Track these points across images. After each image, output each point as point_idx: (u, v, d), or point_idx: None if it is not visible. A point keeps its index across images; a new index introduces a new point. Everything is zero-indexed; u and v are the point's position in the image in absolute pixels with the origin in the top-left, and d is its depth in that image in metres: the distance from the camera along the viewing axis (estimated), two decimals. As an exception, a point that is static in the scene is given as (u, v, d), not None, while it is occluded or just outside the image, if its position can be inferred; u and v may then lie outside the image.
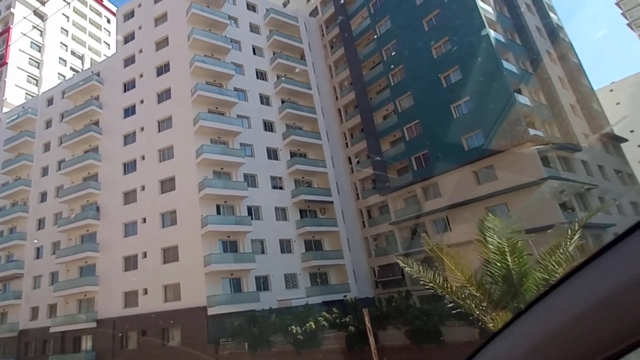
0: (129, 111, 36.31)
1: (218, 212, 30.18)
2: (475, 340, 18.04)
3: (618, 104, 55.83)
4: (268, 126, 36.10)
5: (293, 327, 21.89)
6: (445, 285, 8.66)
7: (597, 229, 25.63)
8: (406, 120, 34.26)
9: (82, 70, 58.46)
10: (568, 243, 8.10)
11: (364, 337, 20.81)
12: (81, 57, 65.09)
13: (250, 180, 32.46)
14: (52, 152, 40.12)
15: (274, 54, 39.57)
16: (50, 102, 42.92)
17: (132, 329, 28.90)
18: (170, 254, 29.65)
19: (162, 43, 36.34)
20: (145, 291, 29.27)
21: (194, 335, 25.69)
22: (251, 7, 40.97)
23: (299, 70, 39.79)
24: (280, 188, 33.85)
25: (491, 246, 8.74)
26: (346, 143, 40.67)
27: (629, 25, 76.72)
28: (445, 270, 9.04)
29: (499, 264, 8.58)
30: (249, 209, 31.26)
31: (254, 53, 38.77)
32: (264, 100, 37.10)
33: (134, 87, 36.68)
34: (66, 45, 63.30)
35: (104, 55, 67.64)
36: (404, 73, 35.48)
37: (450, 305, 9.05)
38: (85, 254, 32.19)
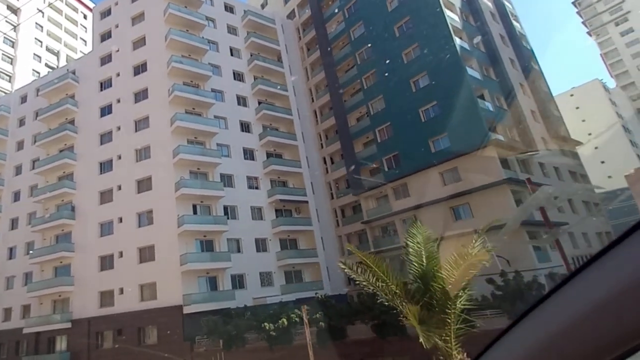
0: (106, 110, 35.49)
1: (195, 212, 30.03)
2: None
3: (578, 108, 58.11)
4: (245, 127, 35.98)
5: (267, 324, 22.11)
6: (377, 284, 9.23)
7: (553, 226, 26.78)
8: (378, 123, 34.81)
9: (57, 67, 56.65)
10: (470, 249, 8.71)
11: (333, 332, 21.29)
12: (56, 54, 62.92)
13: (227, 180, 32.37)
14: (26, 150, 38.81)
15: (251, 55, 39.36)
16: (24, 99, 41.42)
17: (107, 329, 28.50)
18: (146, 254, 29.32)
19: (139, 42, 35.64)
20: (121, 291, 28.87)
21: (169, 333, 25.58)
22: (229, 9, 40.59)
23: (275, 71, 39.74)
24: (257, 188, 33.89)
25: (411, 250, 9.50)
26: (321, 144, 40.94)
27: (588, 33, 79.70)
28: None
29: (416, 265, 9.30)
30: (226, 209, 31.19)
31: (232, 54, 38.49)
32: (241, 101, 36.94)
33: (111, 86, 35.86)
34: (41, 41, 61.08)
35: (81, 52, 65.57)
36: (376, 77, 35.98)
37: (381, 300, 9.83)
38: (60, 253, 31.43)
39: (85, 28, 70.68)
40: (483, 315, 19.41)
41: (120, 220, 31.13)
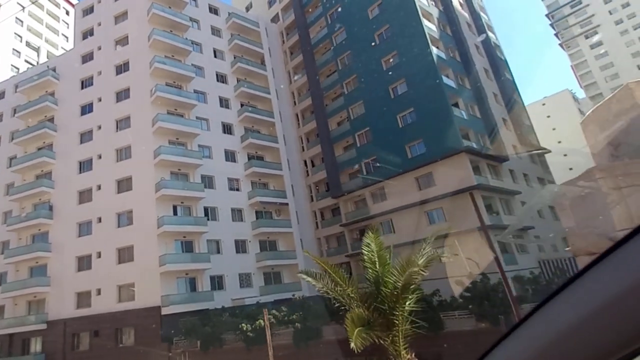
0: (86, 109, 34.76)
1: (175, 213, 29.74)
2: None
3: (549, 116, 59.84)
4: (227, 128, 35.77)
5: (244, 324, 22.12)
6: (336, 289, 9.72)
7: (519, 231, 27.66)
8: (358, 127, 35.14)
9: (37, 62, 54.99)
10: (419, 255, 9.29)
11: (309, 333, 21.45)
12: (37, 49, 61.07)
13: (208, 181, 32.16)
14: (3, 147, 37.58)
15: (234, 57, 39.15)
16: (1, 95, 40.06)
17: (84, 330, 27.94)
18: (125, 254, 28.88)
19: (122, 41, 35.05)
20: (99, 292, 28.37)
21: (147, 335, 25.28)
22: (213, 10, 40.26)
23: (258, 74, 39.62)
24: (237, 189, 33.75)
25: (366, 257, 10.10)
26: (302, 147, 41.04)
27: (560, 45, 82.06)
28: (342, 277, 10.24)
29: (370, 271, 9.91)
30: (206, 210, 30.99)
31: (215, 56, 38.19)
32: (224, 103, 36.71)
33: (92, 84, 35.14)
34: (21, 36, 59.20)
35: (62, 48, 63.86)
36: (357, 82, 36.30)
37: (338, 304, 10.29)
38: (36, 253, 30.61)
39: (67, 24, 68.76)
40: (451, 316, 19.90)
41: (99, 220, 30.57)
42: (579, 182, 4.72)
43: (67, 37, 67.26)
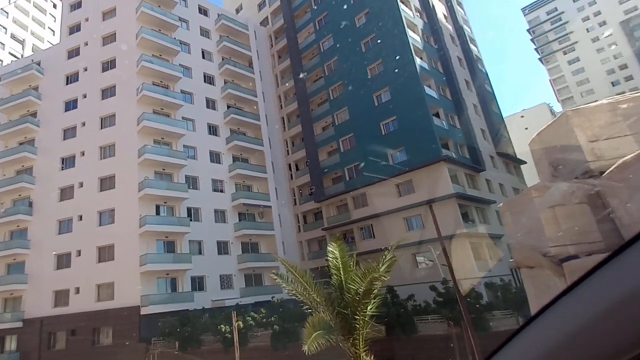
0: (71, 105, 33.97)
1: (157, 213, 29.37)
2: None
3: (527, 129, 61.14)
4: (212, 130, 35.47)
5: (223, 326, 22.01)
6: (305, 293, 10.03)
7: (494, 238, 28.25)
8: (342, 133, 35.27)
9: (22, 56, 53.38)
10: (381, 263, 9.59)
11: (287, 335, 21.47)
12: (22, 42, 59.27)
13: (192, 182, 31.85)
14: (-18, 141, 36.35)
15: (222, 59, 38.86)
16: (-18, 88, 38.75)
17: (61, 329, 27.35)
18: (105, 253, 28.38)
19: (109, 38, 34.37)
20: (78, 290, 27.80)
21: (125, 334, 24.88)
22: (203, 11, 39.85)
23: (246, 77, 39.38)
24: (221, 191, 33.51)
25: (331, 263, 10.40)
26: (287, 150, 40.99)
27: (540, 59, 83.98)
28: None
29: (335, 277, 10.23)
30: (189, 210, 30.68)
31: (203, 57, 37.84)
32: (210, 104, 36.39)
33: (77, 80, 34.37)
34: (5, 28, 57.39)
35: (48, 42, 62.16)
36: (343, 89, 36.44)
37: (306, 307, 10.66)
38: (14, 250, 29.77)
39: (54, 17, 66.93)
40: (425, 320, 20.22)
41: (80, 218, 29.94)
42: (519, 199, 4.94)
43: (53, 31, 65.44)
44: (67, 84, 34.67)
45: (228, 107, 37.22)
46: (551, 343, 0.88)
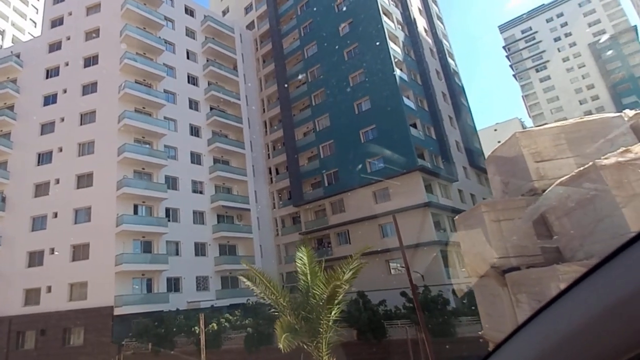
0: (50, 99, 33.08)
1: (135, 212, 28.86)
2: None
3: (499, 142, 62.90)
4: (194, 131, 35.16)
5: (197, 327, 21.74)
6: (273, 297, 10.35)
7: (459, 247, 29.00)
8: (323, 139, 35.53)
9: (1, 46, 51.47)
10: (345, 270, 9.91)
11: (260, 338, 21.45)
12: (2, 33, 57.22)
13: (172, 182, 31.46)
14: (-45, 133, 34.89)
15: (207, 60, 38.65)
16: (-43, 79, 37.21)
17: (30, 328, 26.38)
18: (80, 252, 27.63)
19: (93, 34, 33.72)
20: (49, 289, 26.94)
21: (97, 335, 24.26)
22: (189, 12, 39.56)
23: (230, 79, 39.26)
24: (201, 192, 33.22)
25: (299, 269, 10.82)
26: (268, 154, 40.96)
27: (514, 76, 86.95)
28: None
29: (302, 282, 10.58)
30: (167, 211, 30.27)
31: (188, 57, 37.53)
32: (193, 105, 36.07)
33: (58, 74, 33.50)
34: (-16, 18, 55.23)
35: (29, 34, 60.23)
36: (325, 96, 36.76)
37: (273, 310, 10.95)
38: (-16, 247, 28.63)
39: (37, 9, 64.94)
40: (395, 325, 20.58)
41: (55, 215, 29.09)
42: (471, 213, 5.33)
43: (35, 23, 63.50)
44: (47, 77, 33.79)
45: (211, 108, 37.01)
46: (546, 345, 0.87)
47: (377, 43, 32.88)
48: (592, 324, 0.78)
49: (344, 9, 36.66)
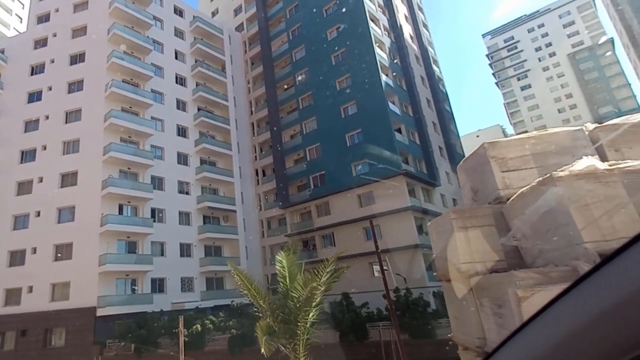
0: (34, 96, 32.41)
1: (120, 212, 28.48)
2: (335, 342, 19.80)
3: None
4: (182, 131, 34.87)
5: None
6: (256, 296, 10.51)
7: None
8: (309, 142, 35.59)
9: (-17, 42, 50.05)
10: (323, 273, 10.10)
11: (244, 339, 21.39)
12: (-15, 28, 55.62)
13: (158, 182, 31.14)
14: None
15: (195, 61, 38.42)
16: (-61, 74, 36.09)
17: (11, 329, 25.74)
18: (63, 251, 27.11)
19: (80, 31, 33.19)
20: (31, 289, 26.34)
21: (79, 336, 23.83)
22: (178, 12, 39.28)
23: (218, 80, 39.08)
24: (187, 193, 32.95)
25: (279, 272, 10.97)
26: (255, 156, 40.87)
27: (496, 84, 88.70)
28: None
29: (282, 285, 10.75)
30: (153, 211, 29.95)
31: (176, 57, 37.24)
32: (181, 105, 35.78)
33: (43, 71, 32.87)
34: (-33, 12, 53.65)
35: (15, 29, 58.79)
36: (312, 99, 36.86)
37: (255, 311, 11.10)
38: (-36, 246, 27.81)
39: (23, 5, 63.40)
40: (377, 326, 20.77)
41: (38, 214, 28.50)
42: (442, 219, 5.56)
43: (21, 19, 61.97)
44: (32, 74, 33.13)
45: (198, 109, 36.77)
46: (546, 346, 0.87)
47: (364, 48, 33.20)
48: (592, 325, 0.78)
49: (332, 14, 36.90)
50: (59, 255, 27.05)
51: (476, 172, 5.67)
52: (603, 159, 5.22)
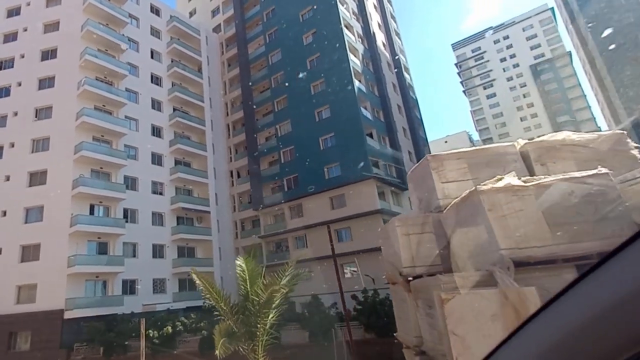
0: (2, 92, 31.04)
1: (92, 212, 27.66)
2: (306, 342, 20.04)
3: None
4: (156, 131, 34.22)
5: (151, 331, 21.22)
6: (217, 299, 10.64)
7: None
8: (284, 145, 35.64)
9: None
10: (283, 275, 10.45)
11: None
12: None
13: (131, 182, 30.44)
14: None
15: (172, 61, 37.77)
16: None
17: (-29, 333, 24.48)
18: (30, 252, 26.07)
19: (52, 27, 31.98)
20: (-6, 291, 25.14)
21: (45, 339, 22.94)
22: (155, 11, 38.49)
23: (194, 81, 38.58)
24: (161, 194, 32.36)
25: (239, 276, 11.17)
26: (230, 157, 40.54)
27: (464, 92, 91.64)
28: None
29: (243, 287, 10.94)
30: (126, 212, 29.25)
31: (152, 57, 36.49)
32: (156, 105, 35.10)
33: (12, 66, 31.46)
34: None
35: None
36: (287, 102, 36.95)
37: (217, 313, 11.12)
38: None
39: (-10, -3, 60.12)
40: (343, 326, 21.10)
41: (4, 213, 27.32)
42: (388, 226, 5.96)
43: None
44: (0, 69, 31.58)
45: (174, 109, 36.18)
46: (547, 344, 0.86)
47: (338, 54, 33.64)
48: (592, 323, 0.78)
49: (308, 19, 37.17)
50: (26, 256, 26.01)
51: (421, 182, 6.08)
52: (531, 172, 5.74)
